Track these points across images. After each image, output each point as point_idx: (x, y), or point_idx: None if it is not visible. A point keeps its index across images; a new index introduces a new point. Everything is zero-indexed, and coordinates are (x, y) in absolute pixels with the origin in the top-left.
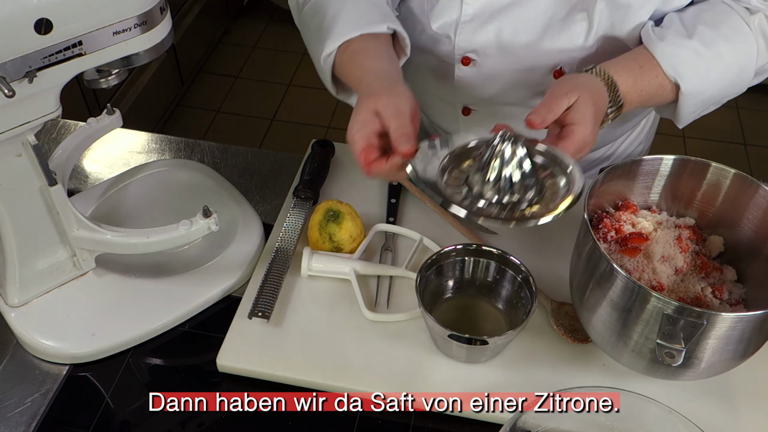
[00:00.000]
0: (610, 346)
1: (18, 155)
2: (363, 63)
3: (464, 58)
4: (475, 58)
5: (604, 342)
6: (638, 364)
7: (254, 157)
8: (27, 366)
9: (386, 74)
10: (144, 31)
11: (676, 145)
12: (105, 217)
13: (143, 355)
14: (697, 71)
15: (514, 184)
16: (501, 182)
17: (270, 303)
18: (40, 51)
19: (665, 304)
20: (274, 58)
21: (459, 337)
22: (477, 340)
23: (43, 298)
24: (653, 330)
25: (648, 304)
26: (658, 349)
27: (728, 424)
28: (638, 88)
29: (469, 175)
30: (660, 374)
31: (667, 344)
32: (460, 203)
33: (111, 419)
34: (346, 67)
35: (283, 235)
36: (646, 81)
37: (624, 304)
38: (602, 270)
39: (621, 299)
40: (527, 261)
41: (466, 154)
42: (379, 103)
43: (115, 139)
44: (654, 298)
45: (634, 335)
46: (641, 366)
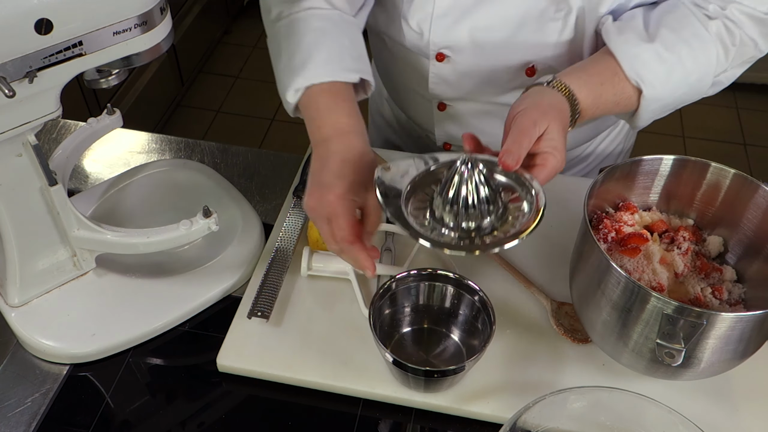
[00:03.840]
0: (609, 346)
1: (18, 155)
2: (323, 114)
3: (438, 54)
4: (449, 55)
5: (604, 342)
6: (638, 364)
7: (254, 157)
8: (27, 366)
9: (342, 131)
10: (144, 31)
11: (676, 144)
12: (105, 217)
13: (143, 355)
14: (658, 76)
15: (475, 210)
16: (463, 209)
17: (269, 303)
18: (40, 51)
19: (665, 304)
20: None
21: (416, 370)
22: (435, 372)
23: (44, 298)
24: (653, 330)
25: (648, 304)
26: (657, 349)
27: (728, 424)
28: (597, 103)
29: (433, 201)
30: (660, 374)
31: (667, 344)
32: (425, 231)
33: (111, 419)
34: (310, 109)
35: (283, 235)
36: (608, 93)
37: (624, 304)
38: (602, 270)
39: (621, 299)
40: (528, 261)
41: (429, 178)
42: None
43: (115, 139)
44: (654, 298)
45: (634, 335)
46: (641, 366)
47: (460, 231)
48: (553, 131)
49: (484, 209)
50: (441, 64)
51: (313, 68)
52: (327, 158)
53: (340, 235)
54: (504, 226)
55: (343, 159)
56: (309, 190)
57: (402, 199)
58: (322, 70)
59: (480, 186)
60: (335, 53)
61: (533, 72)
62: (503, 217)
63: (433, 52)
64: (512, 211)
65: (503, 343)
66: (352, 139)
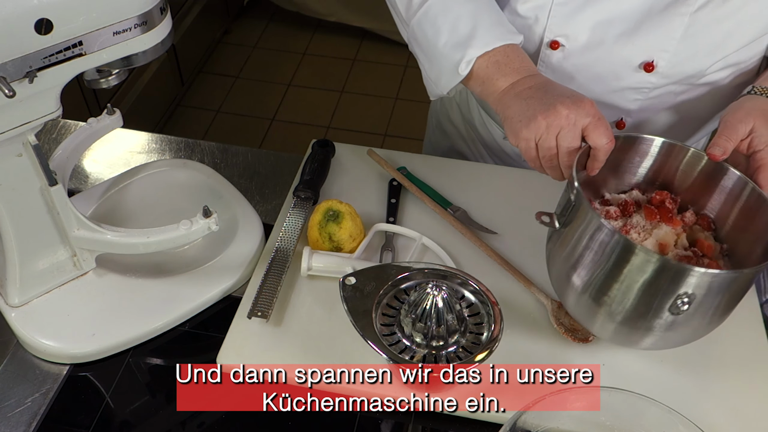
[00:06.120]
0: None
1: (18, 155)
2: (515, 66)
3: (553, 42)
4: (564, 43)
5: (585, 314)
6: (621, 331)
7: (254, 157)
8: (27, 366)
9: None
10: (144, 31)
11: None
12: (105, 217)
13: (143, 355)
14: None
15: (440, 330)
16: (428, 328)
17: (269, 303)
18: (40, 51)
19: (648, 255)
20: (274, 58)
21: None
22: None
23: (44, 298)
24: (634, 282)
25: (631, 256)
26: (640, 301)
27: (728, 423)
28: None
29: (400, 314)
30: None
31: (651, 297)
32: (391, 345)
33: (111, 419)
34: (488, 69)
35: (283, 235)
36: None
37: (600, 258)
38: (586, 225)
39: (603, 254)
40: (527, 260)
41: (399, 291)
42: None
43: (115, 139)
44: (638, 250)
45: (615, 294)
46: (620, 331)
47: (427, 348)
48: (761, 128)
49: (451, 329)
50: (554, 51)
51: (482, 37)
52: (547, 82)
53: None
54: (468, 343)
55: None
56: (553, 105)
57: (373, 305)
58: (490, 36)
59: (449, 307)
60: (495, 20)
61: (651, 69)
62: (464, 334)
63: (548, 39)
64: (475, 329)
65: (503, 342)
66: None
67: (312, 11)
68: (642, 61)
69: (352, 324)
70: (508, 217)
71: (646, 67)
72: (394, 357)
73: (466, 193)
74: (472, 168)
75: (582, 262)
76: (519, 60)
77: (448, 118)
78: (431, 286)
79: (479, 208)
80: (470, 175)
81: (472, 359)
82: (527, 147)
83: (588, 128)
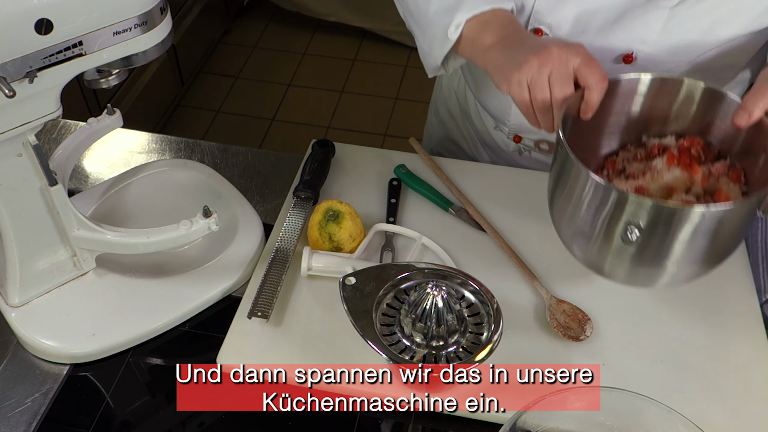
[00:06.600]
0: (583, 255)
1: (18, 155)
2: (503, 23)
3: (536, 30)
4: (547, 32)
5: (581, 256)
6: (616, 263)
7: (254, 157)
8: (27, 366)
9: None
10: (144, 31)
11: None
12: (105, 217)
13: (143, 355)
14: None
15: (440, 330)
16: (428, 328)
17: (269, 303)
18: (40, 51)
19: (588, 177)
20: (274, 58)
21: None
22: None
23: (44, 298)
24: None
25: (586, 184)
26: (622, 231)
27: (727, 423)
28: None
29: (400, 314)
30: (631, 273)
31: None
32: (391, 345)
33: (111, 419)
34: (475, 31)
35: (283, 235)
36: None
37: (575, 194)
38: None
39: (576, 189)
40: (532, 252)
41: (398, 291)
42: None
43: (115, 139)
44: (587, 178)
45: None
46: (611, 262)
47: (427, 349)
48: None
49: (452, 329)
50: None
51: (470, 1)
52: (536, 35)
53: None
54: (468, 344)
55: None
56: (544, 46)
57: (373, 305)
58: (480, 0)
59: (449, 307)
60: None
61: (630, 61)
62: (465, 333)
63: (531, 27)
64: (475, 330)
65: (503, 342)
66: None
67: (312, 11)
68: (622, 52)
69: (352, 324)
70: (508, 216)
71: (625, 59)
72: (394, 357)
73: (466, 193)
74: (473, 168)
75: (565, 200)
76: (508, 19)
77: (446, 107)
78: (431, 286)
79: (479, 208)
80: (470, 175)
81: (472, 359)
82: (519, 90)
83: (580, 68)
